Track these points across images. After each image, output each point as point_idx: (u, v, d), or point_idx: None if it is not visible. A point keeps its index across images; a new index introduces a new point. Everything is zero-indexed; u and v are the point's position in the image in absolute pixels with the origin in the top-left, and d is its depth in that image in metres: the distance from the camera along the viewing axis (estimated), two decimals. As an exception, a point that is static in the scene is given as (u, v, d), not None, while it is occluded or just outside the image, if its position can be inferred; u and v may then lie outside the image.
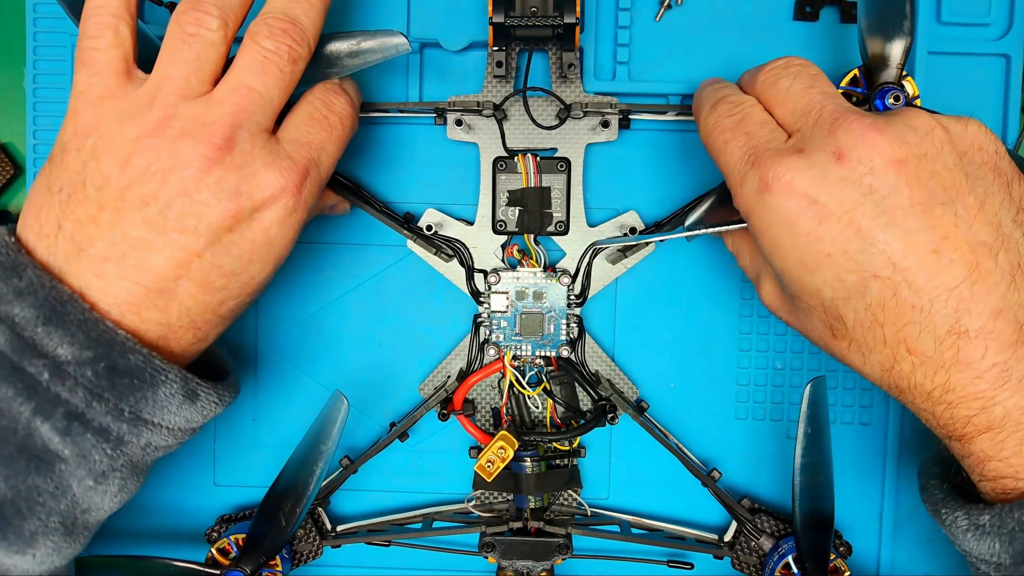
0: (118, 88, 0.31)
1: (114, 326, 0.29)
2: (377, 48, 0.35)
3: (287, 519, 0.36)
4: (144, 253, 0.30)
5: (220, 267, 0.31)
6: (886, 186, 0.28)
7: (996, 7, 0.39)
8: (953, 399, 0.29)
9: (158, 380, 0.30)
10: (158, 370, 0.30)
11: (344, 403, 0.36)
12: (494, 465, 0.38)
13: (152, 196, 0.30)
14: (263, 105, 0.31)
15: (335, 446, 0.36)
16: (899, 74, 0.33)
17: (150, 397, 0.30)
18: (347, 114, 0.34)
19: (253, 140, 0.31)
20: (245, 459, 0.41)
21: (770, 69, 0.33)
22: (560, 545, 0.40)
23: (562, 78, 0.39)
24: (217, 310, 0.32)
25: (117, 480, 0.31)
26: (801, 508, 0.37)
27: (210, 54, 0.31)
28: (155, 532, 0.43)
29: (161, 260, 0.30)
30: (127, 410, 0.30)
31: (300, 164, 0.32)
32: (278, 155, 0.31)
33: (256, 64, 0.31)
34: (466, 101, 0.39)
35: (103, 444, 0.30)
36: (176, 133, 0.30)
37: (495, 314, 0.40)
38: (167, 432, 0.32)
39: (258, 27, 0.32)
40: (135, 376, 0.30)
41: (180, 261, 0.30)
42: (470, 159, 0.40)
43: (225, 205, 0.30)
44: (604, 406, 0.40)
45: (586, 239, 0.40)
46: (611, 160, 0.41)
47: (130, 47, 0.32)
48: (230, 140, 0.30)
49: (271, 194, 0.31)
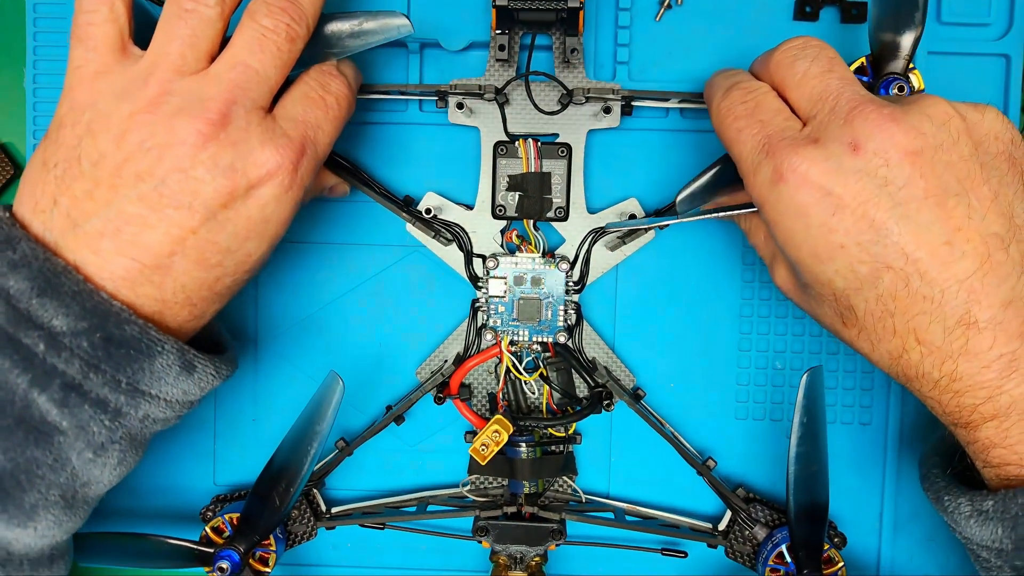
0: (114, 64, 0.31)
1: (109, 297, 0.29)
2: (379, 29, 0.34)
3: (281, 499, 0.36)
4: (139, 229, 0.30)
5: (215, 244, 0.31)
6: (901, 178, 0.28)
7: (996, 7, 0.39)
8: (960, 388, 0.29)
9: (154, 351, 0.30)
10: (154, 341, 0.30)
11: (339, 384, 0.36)
12: (488, 448, 0.38)
13: (147, 172, 0.30)
14: (259, 83, 0.31)
15: (329, 427, 0.36)
16: (906, 65, 0.33)
17: (147, 368, 0.30)
18: (343, 95, 0.34)
19: (249, 117, 0.31)
20: (245, 459, 0.41)
21: (787, 49, 0.32)
22: (554, 531, 0.40)
23: (565, 63, 0.39)
24: (213, 287, 0.32)
25: (116, 452, 0.31)
26: (795, 498, 0.37)
27: (206, 31, 0.31)
28: (154, 530, 0.43)
29: (156, 236, 0.30)
30: (124, 381, 0.30)
31: (296, 141, 0.31)
32: (274, 132, 0.31)
33: (254, 42, 0.31)
34: (468, 84, 0.38)
35: (101, 415, 0.30)
36: (172, 109, 0.30)
37: (493, 299, 0.40)
38: (165, 404, 0.32)
39: (257, 5, 0.32)
40: (131, 347, 0.30)
41: (175, 237, 0.30)
42: (471, 143, 0.40)
43: (220, 181, 0.30)
44: (600, 393, 0.40)
45: (586, 225, 0.40)
46: (612, 147, 0.41)
47: (125, 23, 0.32)
48: (225, 116, 0.30)
49: (267, 171, 0.31)
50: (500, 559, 0.40)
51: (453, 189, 0.41)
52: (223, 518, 0.39)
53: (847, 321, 0.31)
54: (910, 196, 0.28)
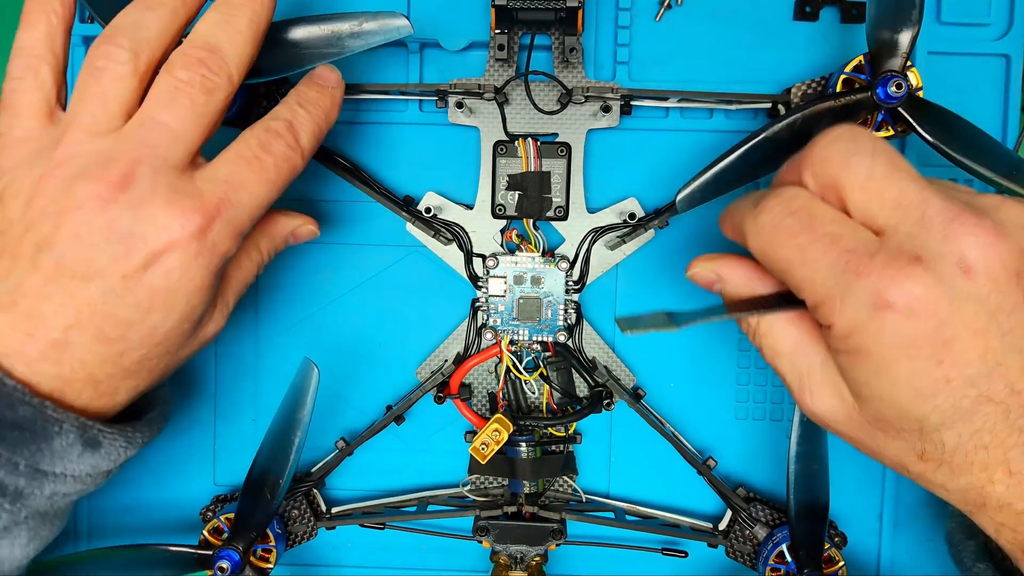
0: (37, 130, 0.30)
1: (3, 375, 0.28)
2: (379, 29, 0.34)
3: (272, 492, 0.36)
4: (34, 302, 0.28)
5: (115, 316, 0.28)
6: (1009, 304, 0.25)
7: (996, 7, 0.39)
8: None
9: (51, 431, 0.28)
10: (50, 420, 0.28)
11: (315, 370, 0.36)
12: (488, 447, 0.38)
13: (45, 241, 0.28)
14: (171, 140, 0.29)
15: (310, 415, 0.36)
16: (904, 63, 0.33)
17: (45, 449, 0.29)
18: (285, 157, 0.31)
19: (156, 177, 0.29)
20: (245, 459, 0.41)
21: (831, 143, 0.27)
22: (554, 531, 0.40)
23: (564, 63, 0.39)
24: (118, 362, 0.29)
25: (24, 531, 0.30)
26: (795, 497, 0.37)
27: (118, 89, 0.30)
28: (155, 530, 0.43)
29: (51, 309, 0.28)
30: (22, 463, 0.28)
31: (209, 203, 0.29)
32: (184, 193, 0.29)
33: (166, 95, 0.29)
34: (467, 84, 0.39)
35: (0, 499, 0.29)
36: (74, 171, 0.28)
37: (493, 298, 0.40)
38: (72, 479, 0.30)
39: (175, 56, 0.30)
40: (26, 428, 0.28)
41: (71, 310, 0.28)
42: (471, 143, 0.40)
43: (116, 248, 0.28)
44: (600, 393, 0.40)
45: (585, 225, 0.40)
46: (612, 146, 0.41)
47: (52, 89, 0.31)
48: (127, 177, 0.28)
49: (169, 237, 0.28)
50: (500, 559, 0.40)
51: (453, 189, 0.41)
52: (220, 519, 0.39)
53: (927, 456, 0.28)
54: (1018, 323, 0.25)
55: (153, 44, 0.30)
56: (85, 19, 0.40)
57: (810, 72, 0.39)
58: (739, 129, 0.40)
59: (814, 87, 0.37)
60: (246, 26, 0.31)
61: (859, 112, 0.34)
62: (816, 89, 0.37)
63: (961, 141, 0.34)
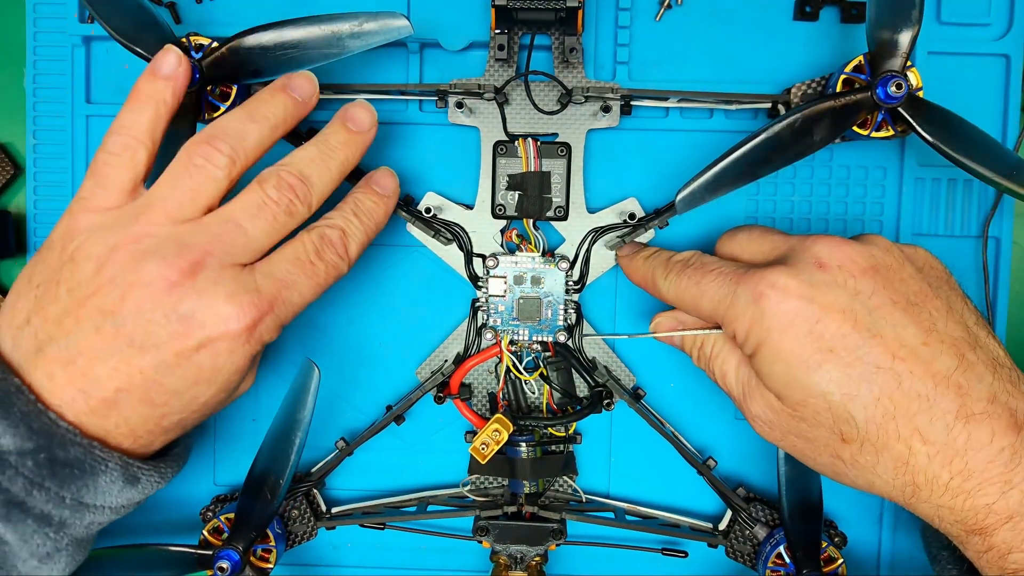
0: (119, 202, 0.32)
1: (57, 418, 0.30)
2: (379, 30, 0.35)
3: (272, 492, 0.37)
4: (91, 363, 0.30)
5: (163, 385, 0.31)
6: (867, 288, 0.30)
7: (996, 7, 0.39)
8: (971, 487, 0.29)
9: (98, 469, 0.31)
10: (98, 460, 0.31)
11: (315, 371, 0.36)
12: (488, 447, 0.38)
13: (110, 309, 0.30)
14: (245, 243, 0.32)
15: (311, 415, 0.36)
16: (904, 63, 0.33)
17: (91, 484, 0.31)
18: (335, 265, 0.34)
19: (222, 270, 0.31)
20: (245, 459, 0.41)
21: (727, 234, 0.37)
22: (554, 531, 0.40)
23: (564, 63, 0.39)
24: (159, 423, 0.32)
25: (64, 557, 0.32)
26: (788, 497, 0.37)
27: (209, 188, 0.32)
28: (155, 530, 0.43)
29: (106, 371, 0.30)
30: (68, 497, 0.31)
31: (264, 300, 0.32)
32: (244, 287, 0.31)
33: (253, 206, 0.32)
34: (467, 84, 0.39)
35: (45, 529, 0.31)
36: (147, 249, 0.30)
37: (493, 298, 0.40)
38: (110, 511, 0.32)
39: (269, 174, 0.33)
40: (75, 467, 0.30)
41: (124, 374, 0.30)
42: (471, 143, 0.40)
43: (175, 327, 0.30)
44: (600, 392, 0.40)
45: (585, 225, 0.40)
46: (612, 146, 0.41)
47: (143, 170, 0.33)
48: (197, 265, 0.30)
49: (225, 328, 0.31)
50: (500, 559, 0.40)
51: (453, 189, 0.41)
52: (220, 519, 0.39)
53: (847, 436, 0.30)
54: (880, 303, 0.30)
55: (250, 154, 0.33)
56: (85, 19, 0.41)
57: (810, 72, 0.39)
58: (739, 129, 0.40)
59: (814, 87, 0.37)
60: (336, 168, 0.34)
61: (859, 112, 0.34)
62: (816, 89, 0.37)
63: (961, 141, 0.34)
